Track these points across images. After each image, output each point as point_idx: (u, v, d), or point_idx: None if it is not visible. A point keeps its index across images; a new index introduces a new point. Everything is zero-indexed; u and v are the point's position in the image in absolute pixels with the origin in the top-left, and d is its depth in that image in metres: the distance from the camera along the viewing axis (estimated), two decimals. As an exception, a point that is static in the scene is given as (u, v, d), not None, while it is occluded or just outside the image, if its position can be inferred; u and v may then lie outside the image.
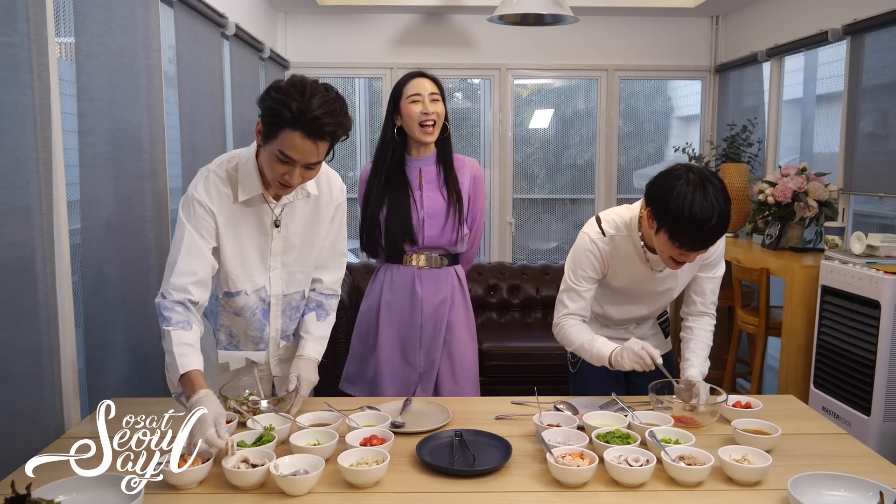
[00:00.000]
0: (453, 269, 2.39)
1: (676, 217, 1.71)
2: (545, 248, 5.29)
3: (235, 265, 1.80)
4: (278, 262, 1.85)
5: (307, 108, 1.55)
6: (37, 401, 1.66)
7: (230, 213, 1.77)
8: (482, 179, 2.43)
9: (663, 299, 2.06)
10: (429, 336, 2.34)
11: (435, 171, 2.34)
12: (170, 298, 1.68)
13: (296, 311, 1.94)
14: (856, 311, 2.70)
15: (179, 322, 1.66)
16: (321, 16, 4.63)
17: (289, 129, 1.57)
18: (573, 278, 2.01)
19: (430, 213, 2.30)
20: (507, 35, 4.61)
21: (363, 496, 1.42)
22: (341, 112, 1.61)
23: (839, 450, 1.66)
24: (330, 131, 1.59)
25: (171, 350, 1.63)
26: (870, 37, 3.27)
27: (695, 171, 1.75)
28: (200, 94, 2.86)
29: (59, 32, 1.82)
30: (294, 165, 1.62)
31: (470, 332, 2.43)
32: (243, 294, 1.84)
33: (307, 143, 1.58)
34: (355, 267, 4.51)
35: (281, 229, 1.82)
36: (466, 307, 2.42)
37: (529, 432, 1.71)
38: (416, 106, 2.24)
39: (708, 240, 1.74)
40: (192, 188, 1.76)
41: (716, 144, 4.58)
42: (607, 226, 1.97)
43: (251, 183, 1.75)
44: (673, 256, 1.80)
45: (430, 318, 2.34)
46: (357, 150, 5.20)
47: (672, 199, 1.71)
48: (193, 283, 1.69)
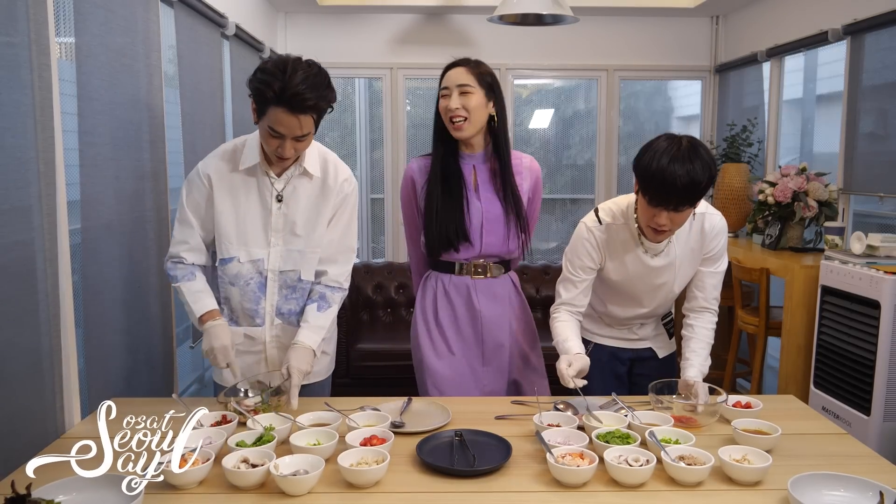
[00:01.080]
0: (509, 277, 2.24)
1: (646, 168, 1.76)
2: (545, 248, 5.29)
3: (230, 230, 1.92)
4: (279, 239, 1.94)
5: (288, 86, 1.69)
6: (37, 401, 1.66)
7: (229, 181, 1.92)
8: (540, 182, 2.26)
9: (662, 295, 2.06)
10: (490, 351, 2.18)
11: (488, 170, 2.15)
12: (168, 262, 1.95)
13: (292, 291, 1.97)
14: (856, 311, 2.70)
15: (184, 275, 1.91)
16: (321, 16, 4.63)
17: (273, 106, 1.72)
18: (570, 268, 2.03)
19: (489, 219, 2.12)
20: (507, 35, 4.61)
21: (363, 496, 1.42)
22: (322, 85, 1.76)
23: (839, 450, 1.66)
24: (311, 105, 1.73)
25: (186, 300, 1.89)
26: (870, 37, 3.27)
27: (685, 138, 1.80)
28: (201, 94, 2.86)
29: (59, 32, 1.82)
30: (284, 139, 1.77)
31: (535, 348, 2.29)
32: (236, 261, 1.93)
33: (291, 118, 1.73)
34: (355, 267, 4.47)
35: (283, 206, 1.92)
36: (525, 314, 2.28)
37: (529, 432, 1.71)
38: (445, 101, 2.09)
39: (674, 198, 1.75)
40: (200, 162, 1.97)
41: (716, 144, 4.58)
42: (604, 214, 2.00)
43: (252, 154, 1.90)
44: (649, 223, 1.84)
45: (492, 333, 2.17)
46: (357, 150, 5.20)
47: (647, 152, 1.78)
48: (186, 250, 1.93)
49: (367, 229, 5.19)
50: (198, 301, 1.88)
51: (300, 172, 1.92)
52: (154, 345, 2.34)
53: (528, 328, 2.29)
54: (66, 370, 1.77)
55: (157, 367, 2.37)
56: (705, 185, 1.75)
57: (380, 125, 4.88)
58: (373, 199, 5.37)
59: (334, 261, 1.99)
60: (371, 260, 4.93)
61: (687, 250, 1.98)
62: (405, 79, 4.75)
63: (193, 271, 1.92)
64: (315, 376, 2.03)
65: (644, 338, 2.17)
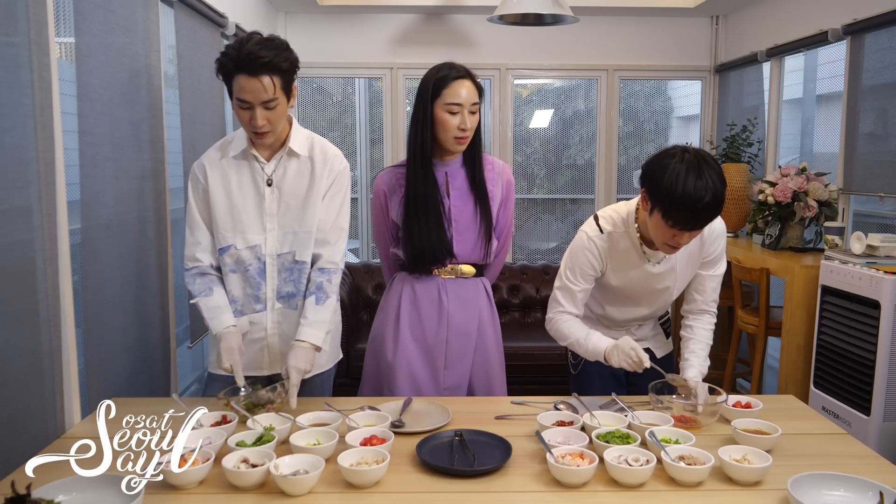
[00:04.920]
0: (480, 281, 2.20)
1: (669, 194, 1.70)
2: (545, 248, 5.29)
3: (225, 218, 1.94)
4: (275, 224, 1.95)
5: (243, 51, 1.76)
6: (37, 401, 1.66)
7: (221, 170, 1.95)
8: (512, 186, 2.20)
9: (662, 299, 2.06)
10: (455, 353, 2.15)
11: (463, 175, 2.12)
12: (188, 273, 1.96)
13: (290, 273, 1.98)
14: (856, 311, 2.70)
15: (201, 291, 1.93)
16: (321, 16, 4.63)
17: (235, 74, 1.78)
18: (570, 276, 2.01)
19: (459, 229, 2.10)
20: (507, 35, 4.61)
21: (363, 496, 1.42)
22: (279, 46, 1.80)
23: (839, 450, 1.66)
24: (266, 62, 1.76)
25: (204, 317, 1.92)
26: (870, 37, 3.27)
27: (691, 151, 1.76)
28: (200, 94, 2.86)
29: (59, 32, 1.82)
30: (252, 108, 1.80)
31: (499, 347, 2.26)
32: (233, 248, 1.94)
33: (252, 81, 1.77)
34: (355, 267, 4.51)
35: (274, 189, 1.94)
36: (494, 320, 2.25)
37: (529, 432, 1.71)
38: (455, 118, 2.00)
39: (701, 219, 1.73)
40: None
41: (716, 144, 4.58)
42: (605, 223, 1.97)
43: (239, 140, 1.95)
44: (667, 241, 1.80)
45: (458, 334, 2.14)
46: (357, 150, 5.20)
47: (666, 176, 1.71)
48: (201, 251, 1.95)
49: (367, 229, 5.19)
50: (215, 318, 1.91)
51: (287, 153, 1.94)
52: (154, 345, 2.34)
53: (495, 333, 2.25)
54: (66, 370, 1.76)
55: (156, 367, 2.37)
56: (724, 194, 1.73)
57: (380, 125, 4.88)
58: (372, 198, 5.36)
59: (328, 242, 1.99)
60: (371, 260, 4.93)
61: (686, 255, 1.98)
62: (405, 79, 4.75)
63: (210, 285, 1.94)
64: (316, 368, 2.01)
65: (642, 338, 2.17)
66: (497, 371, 2.23)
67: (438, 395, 2.13)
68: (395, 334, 2.16)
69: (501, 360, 2.26)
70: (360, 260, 5.03)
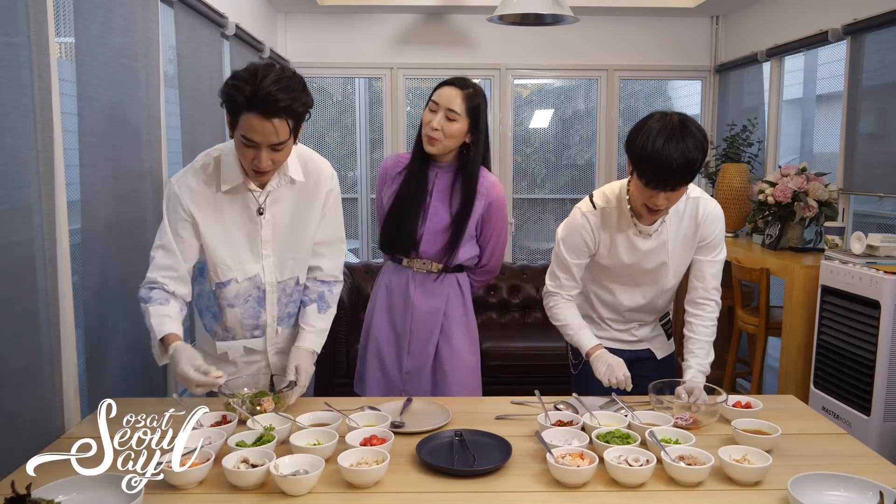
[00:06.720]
0: (454, 278, 2.28)
1: (641, 151, 1.77)
2: (545, 248, 5.29)
3: (223, 254, 1.83)
4: (269, 250, 1.88)
5: (259, 89, 1.57)
6: (37, 401, 1.66)
7: (213, 204, 1.80)
8: (498, 205, 2.23)
9: (659, 280, 2.05)
10: (418, 342, 2.26)
11: (448, 182, 2.20)
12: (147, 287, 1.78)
13: (290, 297, 1.95)
14: (856, 311, 2.70)
15: (157, 299, 1.75)
16: (321, 16, 4.63)
17: (245, 112, 1.60)
18: (564, 251, 2.06)
19: (431, 228, 2.19)
20: (507, 35, 4.61)
21: (363, 496, 1.42)
22: (296, 88, 1.63)
23: (839, 450, 1.66)
24: (284, 107, 1.60)
25: (150, 323, 1.72)
26: (870, 37, 3.27)
27: (674, 116, 1.81)
28: (200, 94, 2.86)
29: (59, 32, 1.82)
30: (259, 148, 1.65)
31: (471, 344, 2.32)
32: (234, 282, 1.86)
33: (265, 123, 1.61)
34: (355, 267, 4.51)
35: (266, 216, 1.84)
36: (466, 317, 2.32)
37: (529, 432, 1.71)
38: (430, 115, 2.14)
39: (672, 180, 1.77)
40: (174, 178, 1.83)
41: (716, 144, 4.58)
42: (598, 199, 2.02)
43: (232, 173, 1.79)
44: (645, 202, 1.84)
45: (421, 325, 2.26)
46: (357, 150, 5.20)
47: (640, 134, 1.79)
48: (172, 278, 1.78)
49: (367, 229, 5.19)
50: (161, 324, 1.71)
51: (286, 182, 1.84)
52: (154, 345, 2.34)
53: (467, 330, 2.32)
54: (66, 370, 1.77)
55: (156, 367, 2.35)
56: (700, 162, 1.78)
57: (380, 125, 4.88)
58: (373, 199, 5.36)
59: (328, 255, 1.97)
60: (371, 260, 4.93)
61: (679, 235, 1.99)
62: (405, 79, 4.75)
63: (168, 298, 1.76)
64: None
65: (642, 339, 2.17)
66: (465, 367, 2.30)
67: (400, 375, 2.28)
68: (371, 316, 2.36)
69: (475, 358, 2.34)
70: (360, 260, 5.03)
